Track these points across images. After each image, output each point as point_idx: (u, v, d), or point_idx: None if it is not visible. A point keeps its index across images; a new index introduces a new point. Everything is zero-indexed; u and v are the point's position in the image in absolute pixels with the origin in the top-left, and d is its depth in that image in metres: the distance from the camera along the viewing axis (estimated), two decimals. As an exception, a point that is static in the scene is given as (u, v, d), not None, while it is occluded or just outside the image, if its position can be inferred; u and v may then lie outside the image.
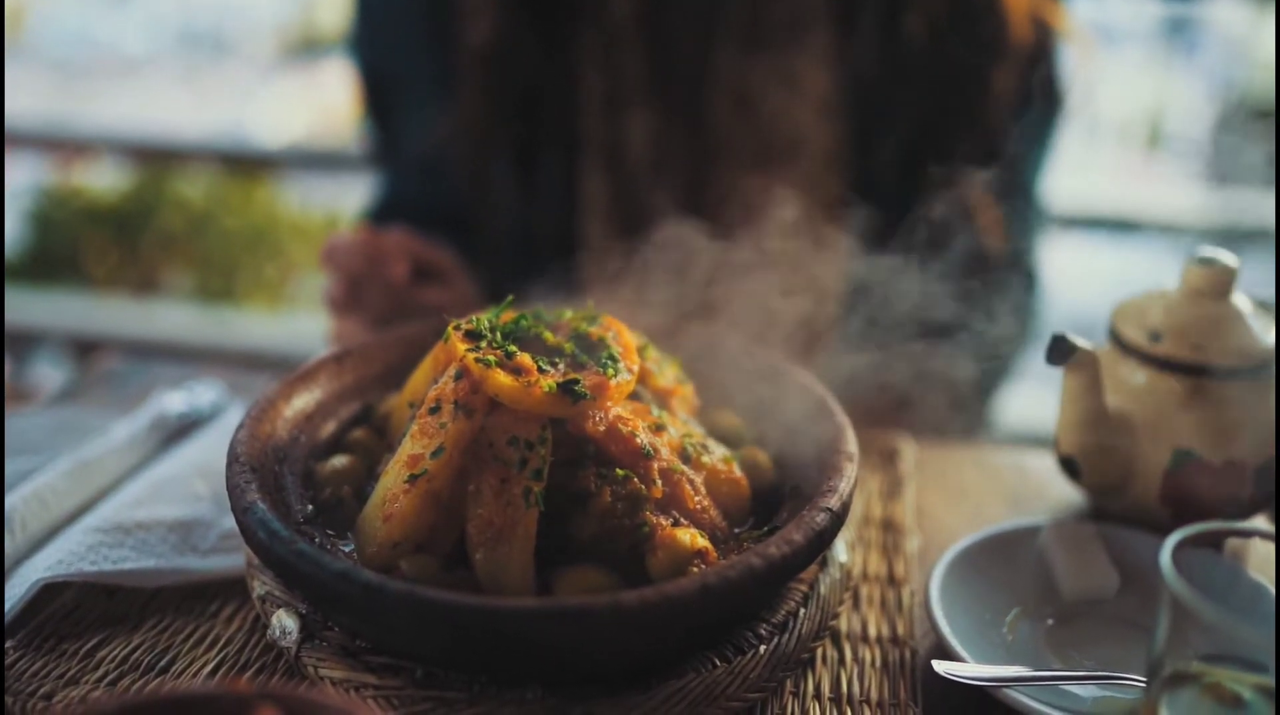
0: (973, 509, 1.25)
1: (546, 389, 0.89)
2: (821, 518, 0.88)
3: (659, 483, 0.92)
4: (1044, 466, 1.32)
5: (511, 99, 1.59)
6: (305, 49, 5.86)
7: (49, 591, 0.99)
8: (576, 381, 0.90)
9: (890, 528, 1.18)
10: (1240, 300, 1.12)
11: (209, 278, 4.41)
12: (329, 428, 1.08)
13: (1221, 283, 1.11)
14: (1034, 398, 2.41)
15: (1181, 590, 0.72)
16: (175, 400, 1.31)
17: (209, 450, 1.21)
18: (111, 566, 0.99)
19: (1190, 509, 1.10)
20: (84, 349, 3.44)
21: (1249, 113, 4.38)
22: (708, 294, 1.35)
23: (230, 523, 1.09)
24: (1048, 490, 1.28)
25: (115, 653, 0.94)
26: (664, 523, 0.90)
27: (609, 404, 0.92)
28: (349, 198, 4.71)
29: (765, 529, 0.94)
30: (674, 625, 0.80)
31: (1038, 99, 1.70)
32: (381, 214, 1.76)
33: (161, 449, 1.25)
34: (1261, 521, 1.16)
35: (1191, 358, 1.08)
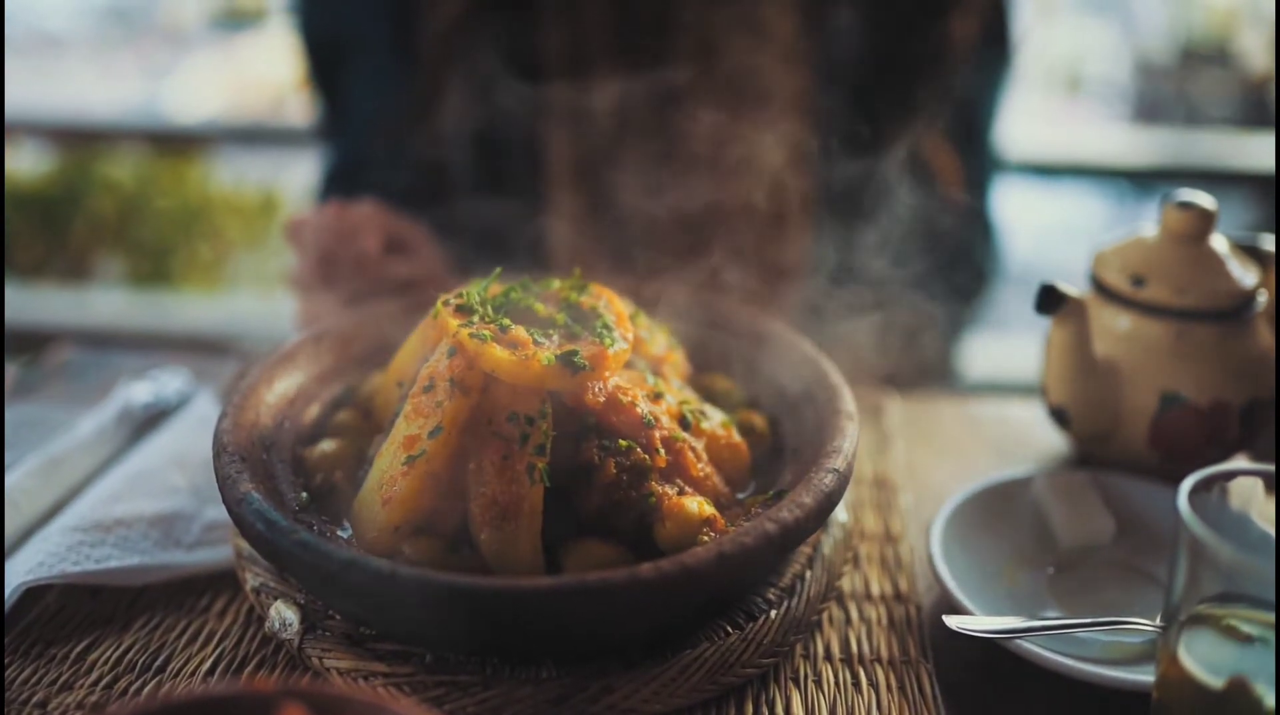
0: (960, 462, 1.25)
1: (545, 362, 0.86)
2: (829, 479, 0.87)
3: (662, 452, 0.90)
4: (1026, 416, 1.33)
5: (476, 75, 1.55)
6: (227, 22, 5.72)
7: (30, 596, 0.95)
8: (575, 353, 0.88)
9: (882, 485, 1.18)
10: (1218, 242, 1.13)
11: (143, 262, 4.29)
12: (312, 412, 1.05)
13: (1201, 226, 1.11)
14: (996, 346, 2.44)
15: (1201, 532, 0.72)
16: (141, 390, 1.27)
17: (182, 440, 1.17)
18: (95, 566, 0.95)
19: (1178, 452, 1.11)
20: (24, 341, 3.32)
21: (1188, 54, 4.44)
22: (679, 250, 1.33)
23: (213, 514, 1.06)
24: (1032, 440, 1.29)
25: (107, 655, 0.90)
26: (669, 492, 0.89)
27: (607, 374, 0.90)
28: (284, 173, 4.62)
29: (771, 493, 0.93)
30: (693, 595, 0.79)
31: (994, 45, 1.71)
32: (332, 187, 1.71)
33: (131, 441, 1.21)
34: (1243, 460, 1.18)
35: (1175, 301, 1.09)
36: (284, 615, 0.88)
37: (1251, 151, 3.87)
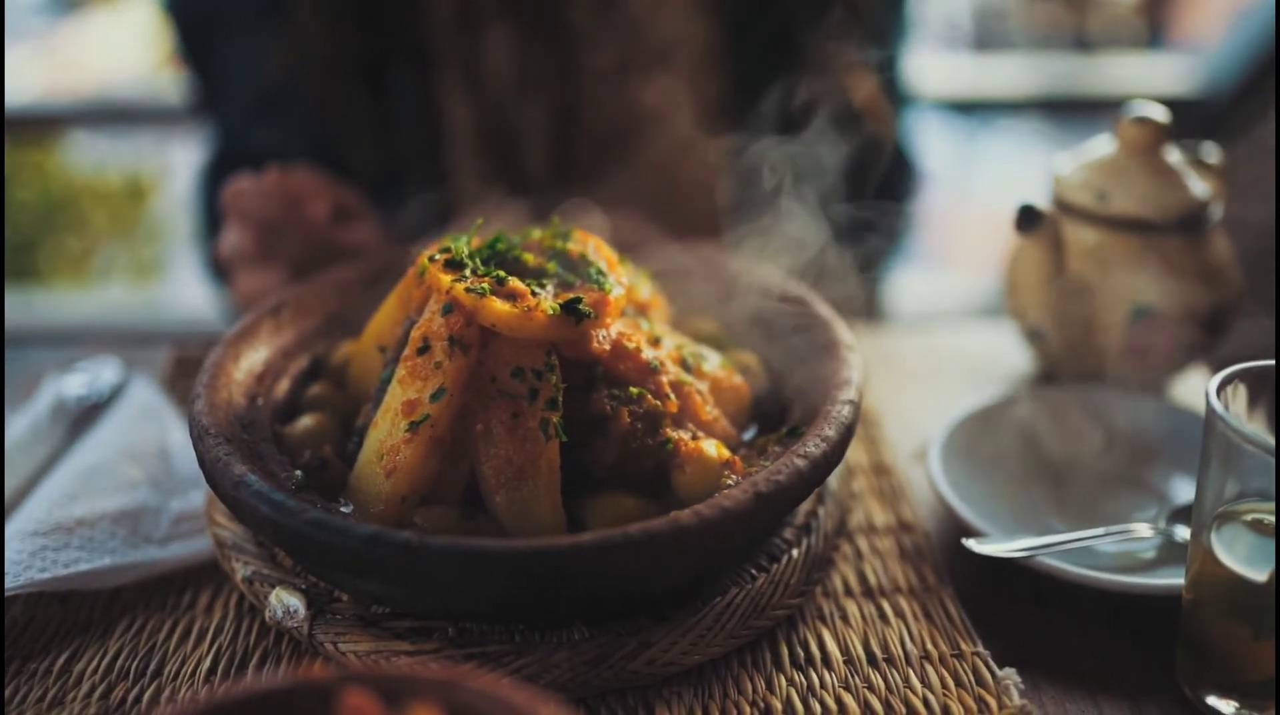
0: (930, 390, 1.25)
1: (549, 312, 0.82)
2: (846, 411, 0.86)
3: (672, 397, 0.87)
4: (988, 342, 1.34)
5: (351, 15, 1.45)
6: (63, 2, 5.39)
7: (-6, 609, 0.87)
8: (578, 300, 0.84)
9: (863, 418, 1.17)
10: (1172, 154, 1.15)
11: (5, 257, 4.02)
12: (283, 387, 0.98)
13: (1157, 138, 1.13)
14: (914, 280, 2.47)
15: (1234, 425, 0.73)
16: (72, 383, 1.18)
17: (129, 432, 1.08)
18: (64, 570, 0.88)
19: (1150, 361, 1.13)
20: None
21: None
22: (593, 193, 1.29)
23: (180, 506, 0.99)
24: (996, 363, 1.30)
25: (94, 664, 0.83)
26: (684, 437, 0.86)
27: (609, 321, 0.86)
28: (148, 157, 4.38)
29: (785, 431, 0.91)
30: (733, 538, 0.76)
31: None
32: (221, 164, 1.59)
33: (70, 437, 1.12)
34: (1205, 367, 1.21)
35: (1142, 212, 1.10)
36: (287, 602, 0.82)
37: (1116, 76, 4.00)
